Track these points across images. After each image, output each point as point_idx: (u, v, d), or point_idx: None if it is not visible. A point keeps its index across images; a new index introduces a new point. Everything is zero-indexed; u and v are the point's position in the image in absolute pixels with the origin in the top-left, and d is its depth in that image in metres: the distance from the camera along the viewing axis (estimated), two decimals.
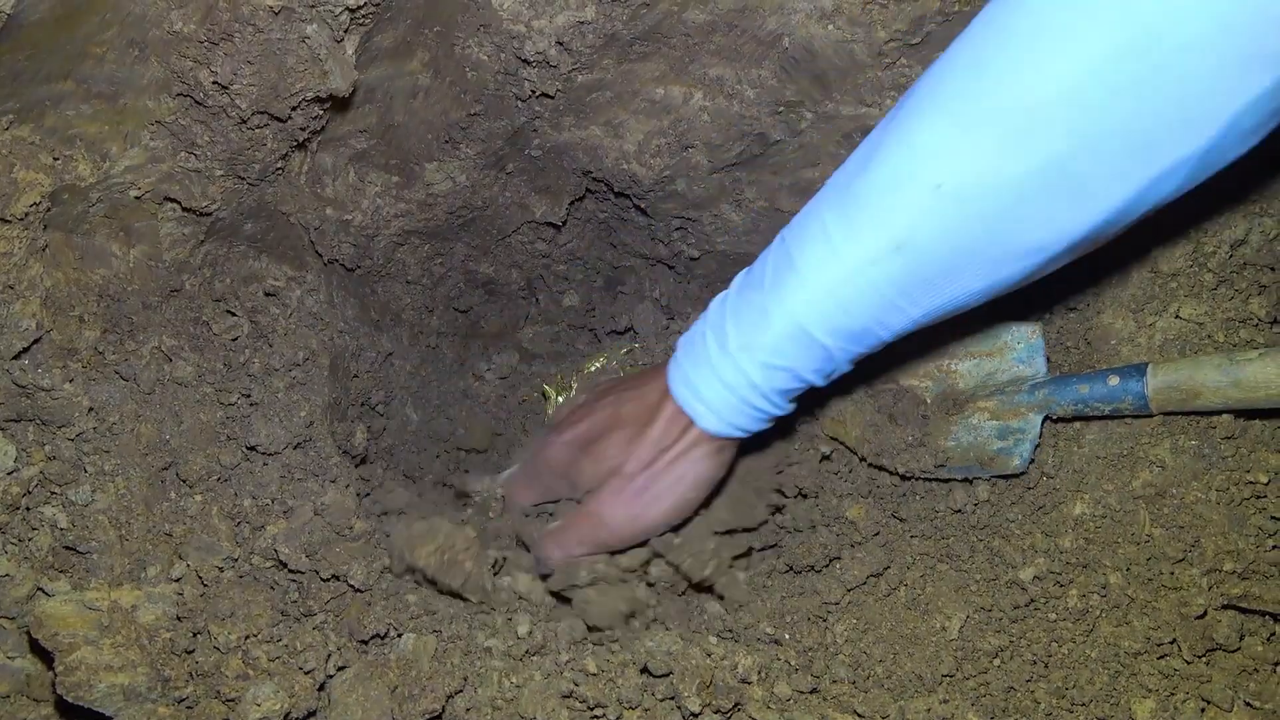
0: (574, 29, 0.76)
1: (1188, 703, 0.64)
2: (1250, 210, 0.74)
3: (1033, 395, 0.72)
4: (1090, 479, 0.72)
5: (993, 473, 0.73)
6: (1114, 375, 0.70)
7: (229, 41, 0.67)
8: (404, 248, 0.94)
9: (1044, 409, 0.72)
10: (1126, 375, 0.70)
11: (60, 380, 0.69)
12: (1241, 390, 0.65)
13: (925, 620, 0.70)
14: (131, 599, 0.63)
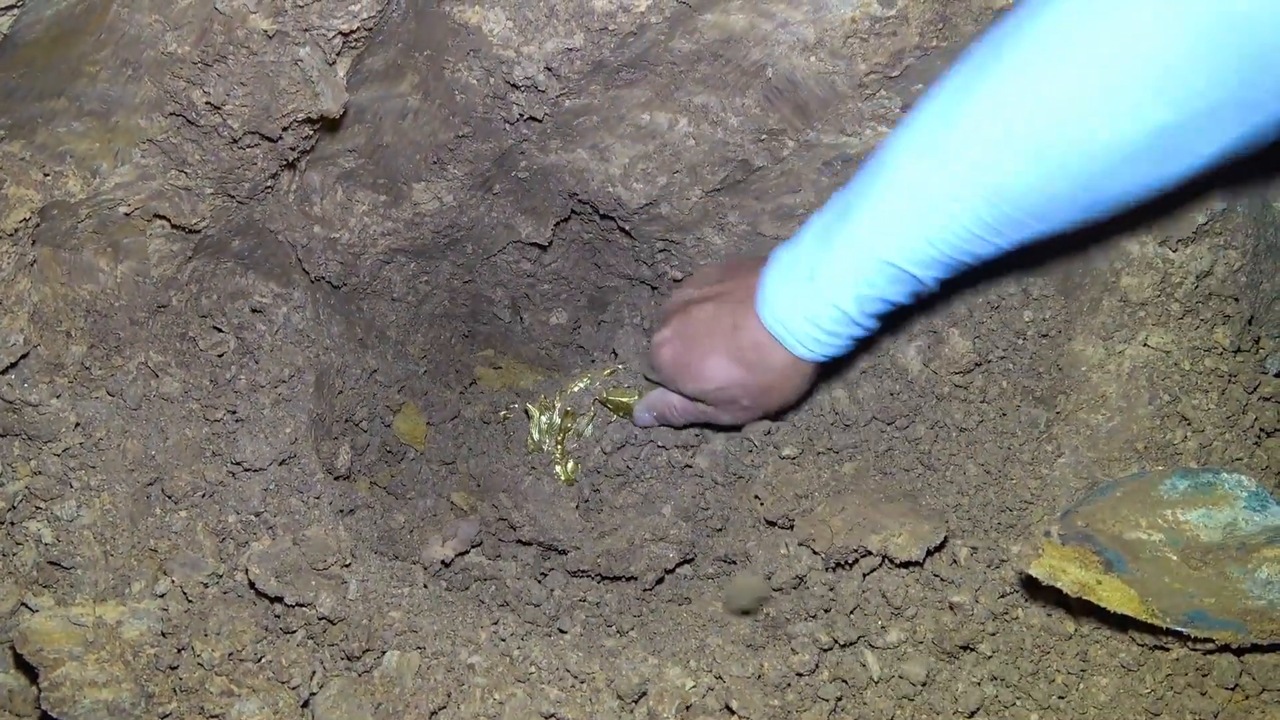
0: (562, 55, 0.77)
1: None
2: (1215, 243, 0.76)
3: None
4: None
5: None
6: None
7: (222, 63, 0.68)
8: (390, 266, 0.95)
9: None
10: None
11: (47, 395, 0.69)
12: None
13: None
14: (116, 615, 0.64)
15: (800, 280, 0.70)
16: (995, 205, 0.60)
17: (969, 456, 0.79)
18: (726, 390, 0.79)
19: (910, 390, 0.84)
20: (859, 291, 0.68)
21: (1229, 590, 0.67)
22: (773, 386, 0.77)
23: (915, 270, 0.65)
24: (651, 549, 0.84)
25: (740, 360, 0.77)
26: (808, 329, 0.71)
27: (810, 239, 0.71)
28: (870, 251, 0.66)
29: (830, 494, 0.79)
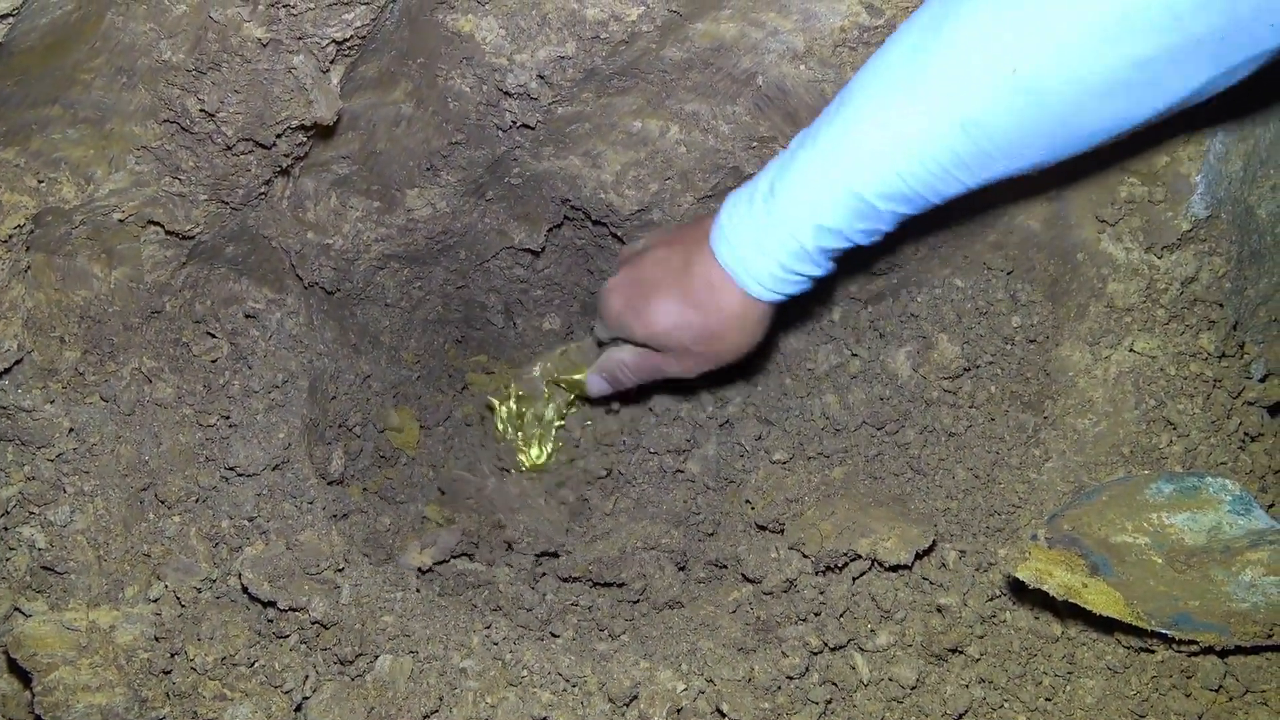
0: (555, 63, 0.78)
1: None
2: (1200, 250, 0.77)
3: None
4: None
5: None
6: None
7: (217, 71, 0.68)
8: (383, 271, 0.95)
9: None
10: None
11: (41, 401, 0.69)
12: None
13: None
14: (109, 619, 0.64)
15: (758, 212, 0.68)
16: (968, 139, 0.59)
17: (958, 461, 0.80)
18: (676, 334, 0.75)
19: (900, 395, 0.85)
20: (819, 222, 0.65)
21: (1213, 593, 0.68)
22: (725, 331, 0.74)
23: (880, 204, 0.64)
24: (643, 557, 0.84)
25: (691, 301, 0.73)
26: (763, 263, 0.69)
27: (771, 171, 0.68)
28: (835, 182, 0.64)
29: (820, 498, 0.80)
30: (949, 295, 0.86)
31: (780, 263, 0.68)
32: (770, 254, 0.68)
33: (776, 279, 0.69)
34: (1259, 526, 0.67)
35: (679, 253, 0.75)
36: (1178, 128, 0.75)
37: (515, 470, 0.95)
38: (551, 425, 0.96)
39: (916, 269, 0.88)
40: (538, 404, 0.95)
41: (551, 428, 0.96)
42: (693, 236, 0.75)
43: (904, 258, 0.87)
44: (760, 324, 0.75)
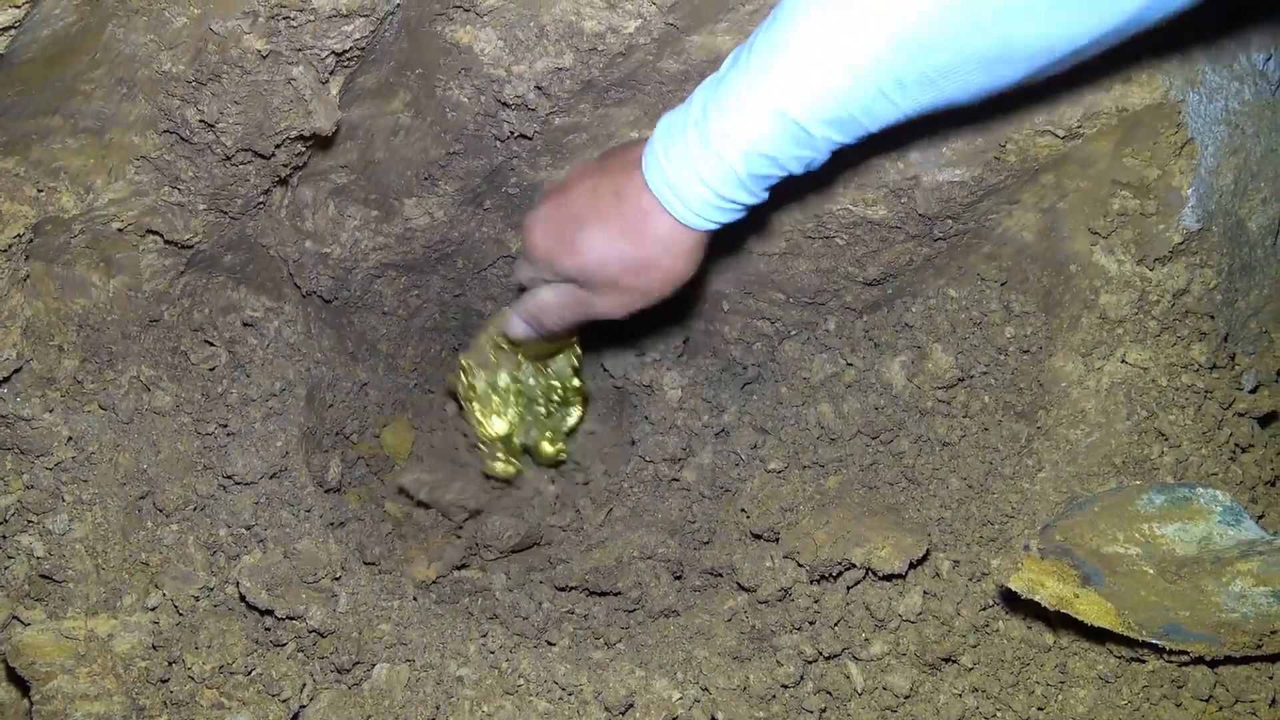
0: (552, 75, 0.78)
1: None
2: (1191, 262, 0.78)
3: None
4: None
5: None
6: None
7: (217, 82, 0.69)
8: (381, 280, 0.95)
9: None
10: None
11: (40, 410, 0.70)
12: None
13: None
14: (107, 628, 0.64)
15: (690, 137, 0.65)
16: (904, 55, 0.56)
17: (951, 470, 0.81)
18: (605, 265, 0.71)
19: (894, 405, 0.85)
20: (752, 147, 0.62)
21: (1203, 603, 0.69)
22: (656, 261, 0.70)
23: (813, 127, 0.61)
24: (639, 566, 0.85)
25: (622, 230, 0.70)
26: (696, 190, 0.66)
27: (701, 94, 0.65)
28: (767, 103, 0.61)
29: (815, 507, 0.80)
30: (943, 306, 0.86)
31: (713, 189, 0.65)
32: (703, 180, 0.65)
33: (709, 206, 0.67)
34: (1249, 537, 0.68)
35: (608, 181, 0.71)
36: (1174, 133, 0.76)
37: (482, 444, 0.93)
38: (509, 392, 0.93)
39: (911, 279, 0.89)
40: (487, 373, 0.91)
41: (509, 394, 0.93)
42: (621, 164, 0.71)
43: (899, 268, 0.88)
44: (693, 253, 0.71)
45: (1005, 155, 0.77)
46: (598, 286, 0.74)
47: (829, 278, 0.90)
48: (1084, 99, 0.75)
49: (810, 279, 0.91)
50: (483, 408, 0.91)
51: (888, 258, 0.87)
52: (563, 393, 0.93)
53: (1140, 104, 0.74)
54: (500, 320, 0.89)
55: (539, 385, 0.94)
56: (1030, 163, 0.78)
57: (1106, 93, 0.74)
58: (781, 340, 0.94)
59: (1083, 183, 0.79)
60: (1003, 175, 0.79)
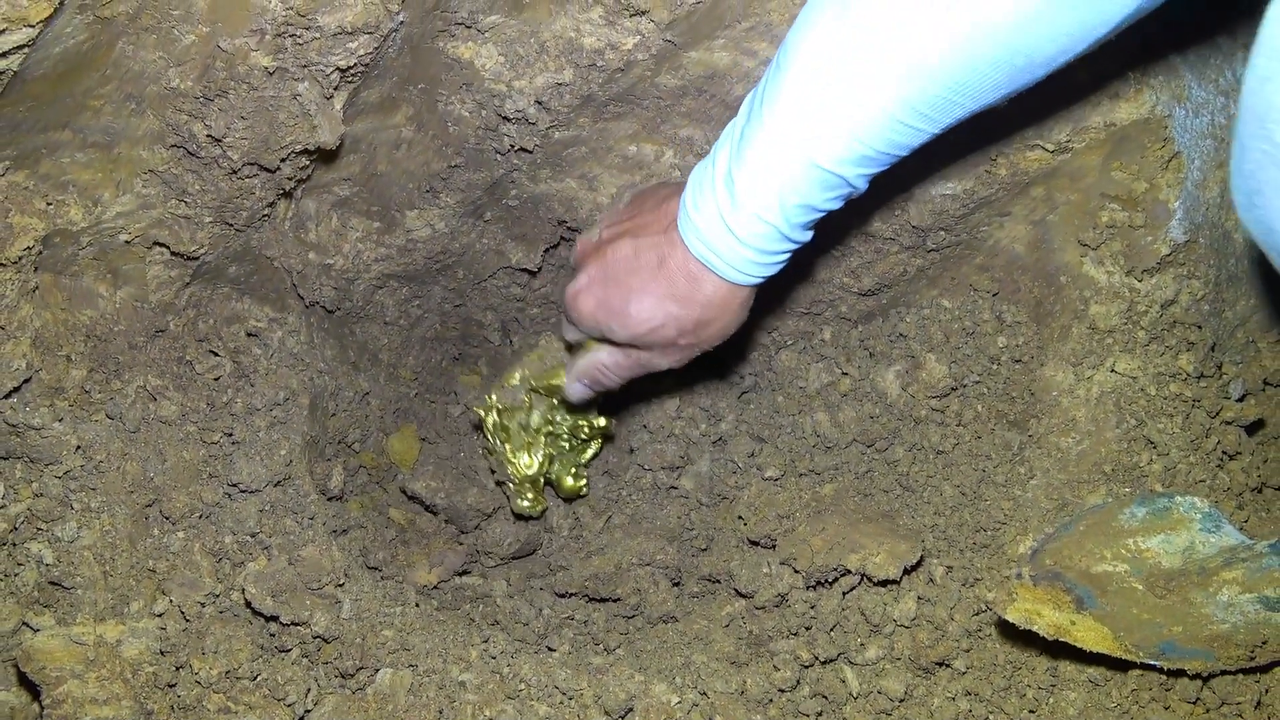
0: (552, 89, 0.80)
1: None
2: (1179, 273, 0.79)
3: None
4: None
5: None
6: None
7: (224, 98, 0.70)
8: (383, 290, 0.97)
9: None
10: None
11: (49, 419, 0.71)
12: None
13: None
14: (116, 634, 0.65)
15: (721, 199, 0.64)
16: (919, 84, 0.56)
17: (945, 478, 0.82)
18: (661, 330, 0.71)
19: (889, 414, 0.87)
20: (785, 200, 0.62)
21: (1194, 616, 0.69)
22: (711, 319, 0.71)
23: (844, 170, 0.60)
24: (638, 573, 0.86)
25: (672, 295, 0.70)
26: (738, 250, 0.65)
27: (725, 150, 0.65)
28: (792, 157, 0.60)
29: (811, 514, 0.82)
30: (937, 316, 0.88)
31: (756, 248, 0.65)
32: (742, 240, 0.65)
33: (753, 263, 0.67)
34: (1230, 542, 0.69)
35: (649, 246, 0.71)
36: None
37: (511, 483, 0.96)
38: (540, 432, 0.94)
39: (905, 290, 0.90)
40: (520, 413, 0.93)
41: (540, 435, 0.94)
42: (659, 224, 0.71)
43: (893, 279, 0.89)
44: (745, 305, 0.72)
45: (996, 169, 0.79)
46: (655, 348, 0.74)
47: (824, 288, 0.92)
48: (1073, 114, 0.76)
49: (806, 289, 0.92)
50: (514, 448, 0.92)
51: (882, 269, 0.88)
52: (589, 430, 0.95)
53: (1128, 119, 0.76)
54: (537, 362, 0.91)
55: (566, 424, 0.95)
56: (1021, 176, 0.79)
57: (1095, 108, 0.76)
58: (778, 350, 0.96)
59: (1072, 195, 0.80)
60: (994, 188, 0.80)
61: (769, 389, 0.95)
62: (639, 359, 0.76)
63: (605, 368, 0.78)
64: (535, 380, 0.90)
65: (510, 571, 0.93)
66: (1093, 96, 0.75)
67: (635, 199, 0.79)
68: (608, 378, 0.80)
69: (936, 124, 0.59)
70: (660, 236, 0.70)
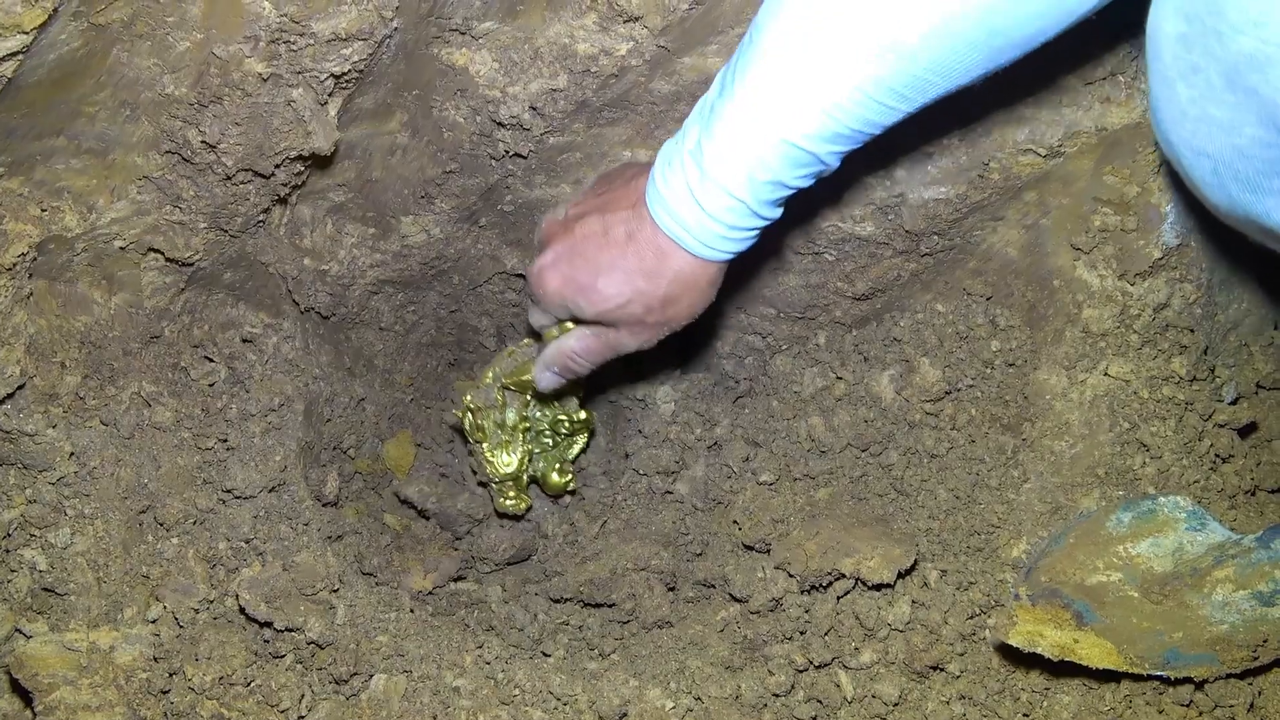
0: (547, 95, 0.80)
1: None
2: (1172, 277, 0.80)
3: (1270, 551, 0.68)
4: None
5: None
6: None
7: (218, 104, 0.70)
8: (378, 296, 0.97)
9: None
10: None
11: (43, 425, 0.71)
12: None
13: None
14: (109, 640, 0.65)
15: (690, 174, 0.64)
16: (895, 63, 0.56)
17: (939, 482, 0.82)
18: (629, 307, 0.70)
19: (884, 418, 0.87)
20: (754, 176, 0.61)
21: (1192, 620, 0.69)
22: (678, 296, 0.70)
23: (814, 147, 0.60)
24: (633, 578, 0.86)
25: (641, 270, 0.69)
26: (706, 225, 0.65)
27: (695, 126, 0.64)
28: (764, 132, 0.59)
29: (806, 519, 0.82)
30: (930, 320, 0.88)
31: (724, 222, 0.64)
32: (712, 215, 0.64)
33: (722, 238, 0.66)
34: (1217, 539, 0.69)
35: (617, 220, 0.70)
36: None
37: (492, 483, 0.95)
38: (517, 430, 0.93)
39: (899, 294, 0.91)
40: (495, 412, 0.92)
41: (518, 432, 0.93)
42: (627, 200, 0.71)
43: (887, 283, 0.89)
44: (713, 283, 0.71)
45: (989, 173, 0.79)
46: (622, 326, 0.73)
47: (819, 293, 0.92)
48: (1064, 119, 0.76)
49: (800, 294, 0.92)
50: (491, 447, 0.92)
51: (876, 273, 0.89)
52: (570, 425, 0.95)
53: (1119, 123, 0.76)
54: (509, 359, 0.91)
55: (546, 419, 0.95)
56: (1013, 180, 0.79)
57: (1086, 112, 0.76)
58: (773, 355, 0.96)
59: (1064, 200, 0.81)
60: (987, 193, 0.80)
61: (764, 394, 0.95)
62: (607, 340, 0.75)
63: (574, 353, 0.77)
64: (506, 378, 0.90)
65: (505, 577, 0.93)
66: (1084, 101, 0.76)
67: (601, 179, 0.79)
68: (577, 363, 0.79)
69: (911, 103, 0.59)
70: (629, 212, 0.69)
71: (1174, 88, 0.59)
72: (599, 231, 0.71)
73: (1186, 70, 0.57)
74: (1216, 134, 0.58)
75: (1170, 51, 0.57)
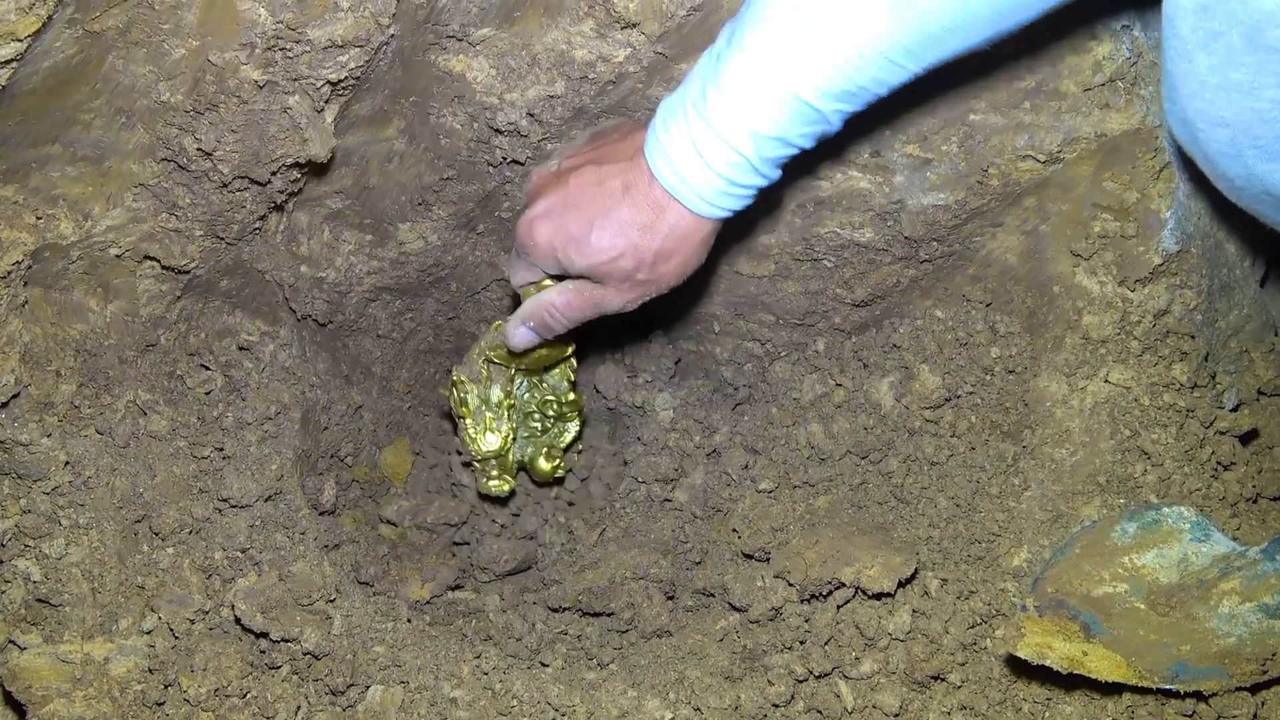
0: (544, 102, 0.80)
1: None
2: (1172, 283, 0.79)
3: (1276, 564, 0.68)
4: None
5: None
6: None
7: (214, 111, 0.70)
8: (375, 303, 0.96)
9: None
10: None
11: (37, 435, 0.70)
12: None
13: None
14: (104, 651, 0.65)
15: (694, 125, 0.63)
16: (911, 21, 0.55)
17: (939, 490, 0.82)
18: (619, 260, 0.69)
19: (883, 425, 0.86)
20: (759, 130, 0.61)
21: (1199, 632, 0.69)
22: (671, 251, 0.69)
23: (821, 103, 0.59)
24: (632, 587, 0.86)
25: (635, 223, 0.67)
26: (707, 178, 0.64)
27: (698, 77, 0.63)
28: (771, 85, 0.59)
29: (805, 527, 0.81)
30: (930, 326, 0.88)
31: (725, 177, 0.64)
32: (713, 169, 0.63)
33: (721, 194, 0.65)
34: (1222, 551, 0.69)
35: (614, 173, 0.69)
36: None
37: (475, 462, 0.92)
38: (502, 407, 0.90)
39: (898, 301, 0.90)
40: (479, 387, 0.89)
41: (503, 409, 0.90)
42: (624, 153, 0.70)
43: (886, 290, 0.89)
44: (706, 242, 0.70)
45: (988, 179, 0.79)
46: (610, 282, 0.71)
47: (818, 299, 0.92)
48: (1064, 124, 0.76)
49: (799, 301, 0.92)
50: (475, 424, 0.90)
51: (875, 280, 0.88)
52: (558, 407, 0.93)
53: (1119, 129, 0.76)
54: (495, 334, 0.88)
55: (534, 400, 0.94)
56: (1012, 187, 0.79)
57: (1085, 118, 0.76)
58: (772, 361, 0.96)
59: (1064, 206, 0.80)
60: (986, 199, 0.80)
61: (763, 401, 0.94)
62: (591, 296, 0.73)
63: (553, 307, 0.75)
64: (490, 350, 0.87)
65: (503, 586, 0.93)
66: (1083, 107, 0.76)
67: (596, 134, 0.78)
68: (555, 319, 0.76)
69: (922, 63, 0.59)
70: (627, 164, 0.68)
71: (1193, 59, 0.60)
72: (594, 182, 0.70)
73: (1206, 38, 0.58)
74: (1236, 99, 0.59)
75: (1188, 24, 0.58)
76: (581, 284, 0.73)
